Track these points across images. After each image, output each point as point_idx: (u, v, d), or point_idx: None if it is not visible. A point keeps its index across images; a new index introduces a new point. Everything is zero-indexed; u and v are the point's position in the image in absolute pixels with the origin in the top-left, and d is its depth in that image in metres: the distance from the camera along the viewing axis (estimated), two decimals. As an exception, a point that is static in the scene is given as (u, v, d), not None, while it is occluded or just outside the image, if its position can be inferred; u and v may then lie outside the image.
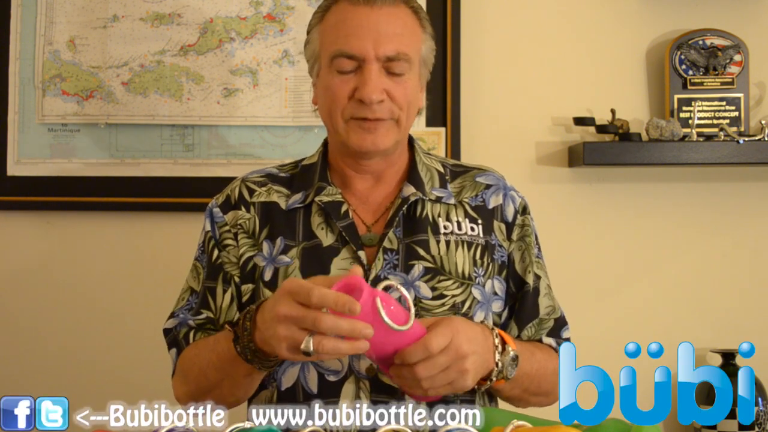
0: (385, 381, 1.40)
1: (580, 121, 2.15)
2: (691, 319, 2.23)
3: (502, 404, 1.52)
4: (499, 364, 1.33)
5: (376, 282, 1.40)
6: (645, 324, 2.23)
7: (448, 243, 1.47)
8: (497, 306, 1.50)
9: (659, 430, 1.03)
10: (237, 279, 1.50)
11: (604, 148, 2.10)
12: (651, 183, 2.24)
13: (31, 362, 2.19)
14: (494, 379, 1.34)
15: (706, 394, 2.14)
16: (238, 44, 2.17)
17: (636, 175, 2.23)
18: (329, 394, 1.40)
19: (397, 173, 1.53)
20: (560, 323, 1.57)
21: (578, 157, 2.12)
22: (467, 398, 1.43)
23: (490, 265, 1.49)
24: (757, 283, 2.24)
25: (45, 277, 2.21)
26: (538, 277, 1.54)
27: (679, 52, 2.18)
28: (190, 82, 2.17)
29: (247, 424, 1.08)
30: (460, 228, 1.49)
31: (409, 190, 1.49)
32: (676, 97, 2.18)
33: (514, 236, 1.53)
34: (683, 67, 2.18)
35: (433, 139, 2.17)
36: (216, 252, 1.53)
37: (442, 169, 1.56)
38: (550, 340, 1.54)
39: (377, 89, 1.40)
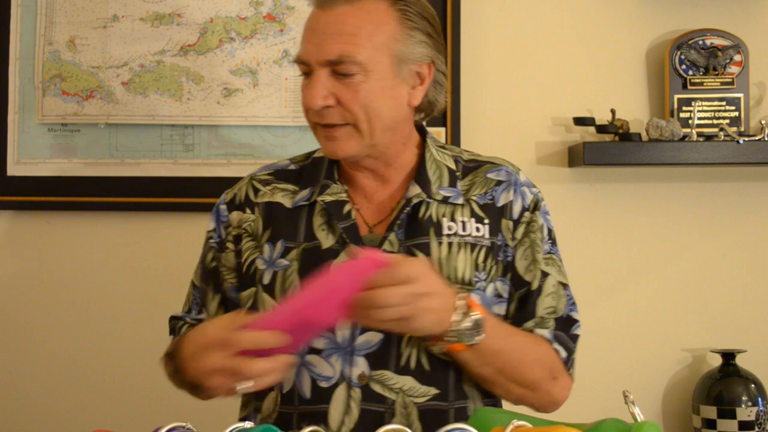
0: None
1: (580, 121, 2.15)
2: (691, 319, 2.23)
3: (503, 405, 1.52)
4: (455, 325, 1.28)
5: None
6: (645, 324, 2.23)
7: (450, 245, 1.42)
8: (500, 309, 1.45)
9: (659, 430, 1.03)
10: (230, 284, 1.49)
11: (604, 148, 2.10)
12: (651, 183, 2.24)
13: (31, 362, 2.19)
14: (448, 339, 1.29)
15: (706, 394, 2.16)
16: (238, 44, 2.17)
17: (636, 175, 2.24)
18: (320, 400, 1.38)
19: (403, 171, 1.49)
20: (567, 322, 1.47)
21: (578, 157, 2.12)
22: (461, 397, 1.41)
23: (494, 267, 1.44)
24: (757, 282, 2.24)
25: (45, 277, 2.21)
26: (545, 276, 1.47)
27: (679, 52, 2.18)
28: (190, 82, 2.17)
29: (247, 424, 1.08)
30: (464, 229, 1.44)
31: (415, 190, 1.44)
32: (676, 97, 2.18)
33: (519, 234, 1.47)
34: (683, 67, 2.18)
35: (433, 139, 2.17)
36: (211, 255, 1.52)
37: (453, 166, 1.50)
38: (544, 332, 1.44)
39: (317, 95, 1.37)
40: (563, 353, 1.44)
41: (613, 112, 2.16)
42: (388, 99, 1.40)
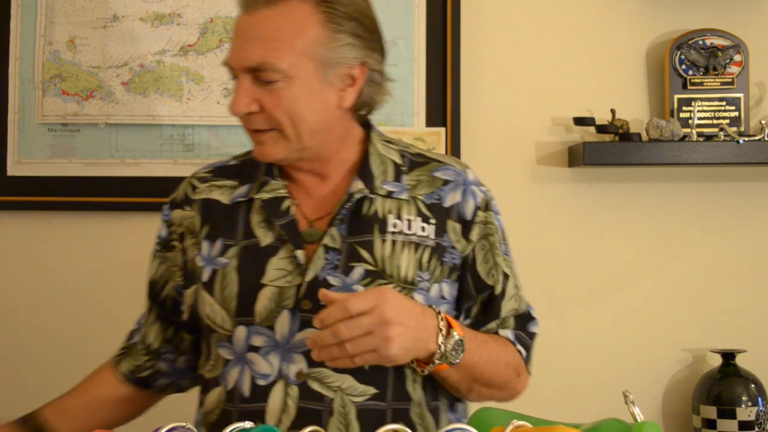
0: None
1: (580, 121, 2.15)
2: (691, 319, 2.23)
3: (502, 404, 1.52)
4: (442, 347, 1.27)
5: (315, 284, 1.35)
6: (645, 324, 2.23)
7: (394, 243, 1.39)
8: (444, 310, 1.38)
9: (659, 430, 1.03)
10: (176, 282, 1.50)
11: (604, 148, 2.10)
12: (651, 183, 2.24)
13: (31, 362, 2.19)
14: (436, 362, 1.29)
15: (706, 394, 2.16)
16: (238, 44, 2.17)
17: (636, 175, 2.24)
18: (259, 398, 1.36)
19: (344, 167, 1.45)
20: (524, 319, 1.49)
21: (578, 157, 2.12)
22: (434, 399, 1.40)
23: (438, 268, 1.41)
24: (757, 282, 2.24)
25: (45, 277, 2.21)
26: (506, 277, 1.47)
27: (679, 52, 2.18)
28: (190, 82, 2.17)
29: (247, 424, 1.08)
30: (410, 227, 1.41)
31: (357, 185, 1.41)
32: (676, 97, 2.18)
33: (474, 236, 1.44)
34: (683, 67, 2.18)
35: (433, 139, 2.17)
36: (151, 263, 1.53)
37: (399, 160, 1.47)
38: (507, 332, 1.45)
39: (241, 102, 1.35)
40: (524, 353, 1.46)
41: (613, 112, 2.16)
42: (313, 103, 1.37)
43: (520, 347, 1.45)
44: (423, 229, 1.42)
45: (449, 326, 1.29)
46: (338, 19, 1.36)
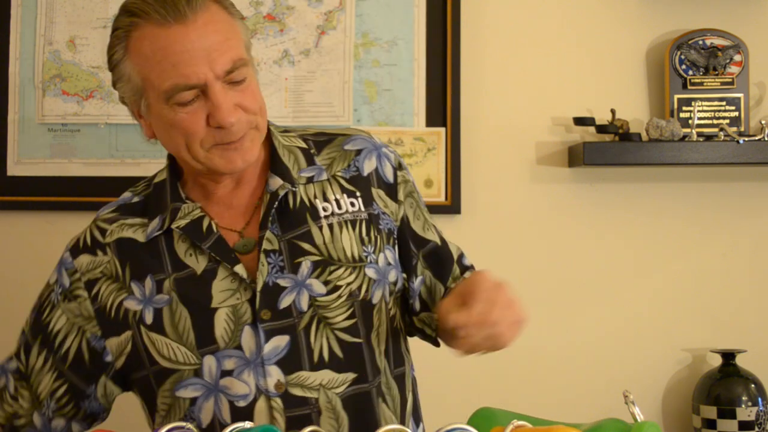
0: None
1: (580, 121, 2.15)
2: (692, 319, 2.23)
3: (501, 404, 1.52)
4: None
5: (268, 291, 1.33)
6: (645, 324, 2.23)
7: (331, 227, 1.38)
8: (393, 276, 1.42)
9: (659, 430, 1.03)
10: (91, 333, 1.39)
11: (604, 148, 2.10)
12: (651, 183, 2.24)
13: (31, 362, 2.20)
14: None
15: (706, 394, 2.16)
16: (238, 44, 2.17)
17: (636, 175, 2.24)
18: (243, 419, 1.28)
19: (258, 166, 1.40)
20: (461, 257, 1.51)
21: (578, 157, 2.12)
22: None
23: (378, 237, 1.40)
24: (757, 283, 2.24)
25: (45, 277, 2.20)
26: (434, 228, 1.49)
27: (679, 52, 2.18)
28: (190, 82, 2.16)
29: (248, 424, 1.08)
30: (339, 207, 1.39)
31: (276, 182, 1.37)
32: (676, 97, 2.18)
33: (401, 195, 1.45)
34: (683, 67, 2.18)
35: (433, 139, 2.17)
36: (48, 310, 1.43)
37: (304, 145, 1.44)
38: (469, 275, 1.49)
39: (230, 111, 1.28)
40: None
41: (613, 112, 2.16)
42: (260, 92, 1.37)
43: None
44: (352, 204, 1.40)
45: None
46: (234, 10, 1.36)
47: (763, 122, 2.12)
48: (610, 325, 2.23)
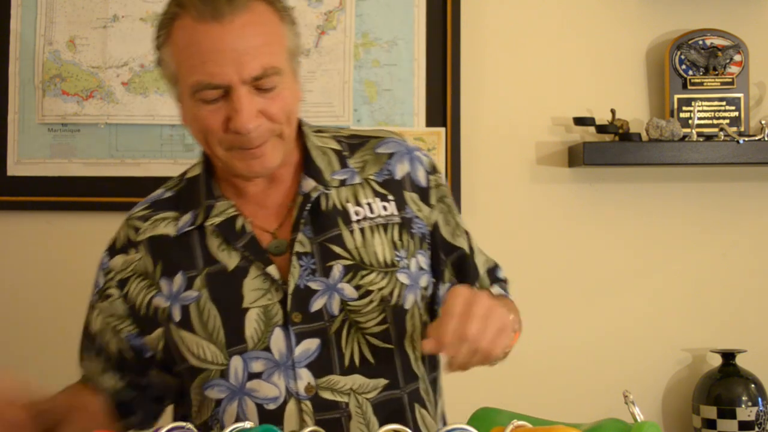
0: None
1: (580, 121, 2.15)
2: (692, 319, 2.23)
3: (501, 404, 1.52)
4: (511, 315, 1.26)
5: (299, 294, 1.32)
6: (645, 324, 2.23)
7: (363, 231, 1.36)
8: (424, 280, 1.41)
9: (659, 430, 1.03)
10: (128, 332, 1.40)
11: (604, 148, 2.10)
12: (651, 183, 2.24)
13: (32, 362, 2.19)
14: (516, 329, 1.28)
15: (706, 394, 2.15)
16: (238, 44, 2.17)
17: (636, 175, 2.24)
18: (271, 423, 1.27)
19: (291, 166, 1.39)
20: (494, 269, 1.51)
21: (578, 157, 2.12)
22: None
23: (411, 242, 1.39)
24: (757, 282, 2.24)
25: (45, 277, 2.21)
26: (467, 234, 1.47)
27: (679, 52, 2.18)
28: (190, 82, 2.16)
29: (248, 424, 1.07)
30: (372, 211, 1.38)
31: (309, 184, 1.36)
32: (676, 97, 2.18)
33: (433, 199, 1.43)
34: (683, 67, 2.18)
35: (433, 139, 2.17)
36: (89, 313, 1.44)
37: (338, 146, 1.43)
38: (498, 289, 1.47)
39: (251, 118, 1.26)
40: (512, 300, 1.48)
41: (613, 112, 2.16)
42: (295, 98, 1.34)
43: (511, 298, 1.48)
44: (385, 208, 1.39)
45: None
46: (285, 13, 1.34)
47: (763, 122, 2.12)
48: (610, 325, 2.23)
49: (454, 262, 1.45)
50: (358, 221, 1.37)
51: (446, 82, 2.18)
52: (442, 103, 2.18)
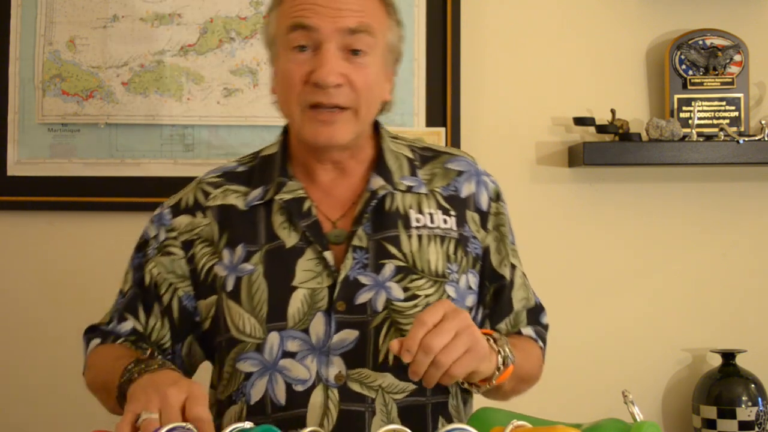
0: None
1: (580, 121, 2.15)
2: (692, 319, 2.23)
3: (501, 404, 1.52)
4: (502, 351, 1.27)
5: (347, 284, 1.34)
6: (645, 324, 2.23)
7: (420, 238, 1.39)
8: (471, 301, 1.43)
9: (659, 429, 1.03)
10: (184, 292, 1.42)
11: (604, 148, 2.10)
12: (651, 183, 2.24)
13: (32, 362, 2.19)
14: (501, 368, 1.27)
15: (706, 394, 2.15)
16: (238, 44, 2.17)
17: (636, 175, 2.24)
18: (297, 404, 1.33)
19: (363, 163, 1.44)
20: (536, 311, 1.51)
21: (578, 157, 2.12)
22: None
23: (464, 259, 1.42)
24: (757, 282, 2.24)
25: (45, 277, 2.21)
26: (513, 267, 1.49)
27: (679, 52, 2.18)
28: (190, 82, 2.17)
29: (247, 424, 1.08)
30: (432, 221, 1.41)
31: (378, 182, 1.40)
32: (676, 97, 2.18)
33: (490, 226, 1.46)
34: (683, 67, 2.18)
35: (433, 139, 2.17)
36: (150, 263, 1.43)
37: (411, 155, 1.47)
38: (529, 331, 1.48)
39: (333, 71, 1.30)
40: (543, 346, 1.50)
41: (613, 112, 2.16)
42: (379, 88, 1.38)
43: (540, 342, 1.49)
44: (445, 221, 1.42)
45: (488, 333, 1.30)
46: (393, 12, 1.40)
47: (763, 122, 2.12)
48: (610, 325, 2.23)
49: (495, 291, 1.47)
50: (417, 228, 1.40)
51: (446, 82, 2.18)
52: (442, 103, 2.18)
